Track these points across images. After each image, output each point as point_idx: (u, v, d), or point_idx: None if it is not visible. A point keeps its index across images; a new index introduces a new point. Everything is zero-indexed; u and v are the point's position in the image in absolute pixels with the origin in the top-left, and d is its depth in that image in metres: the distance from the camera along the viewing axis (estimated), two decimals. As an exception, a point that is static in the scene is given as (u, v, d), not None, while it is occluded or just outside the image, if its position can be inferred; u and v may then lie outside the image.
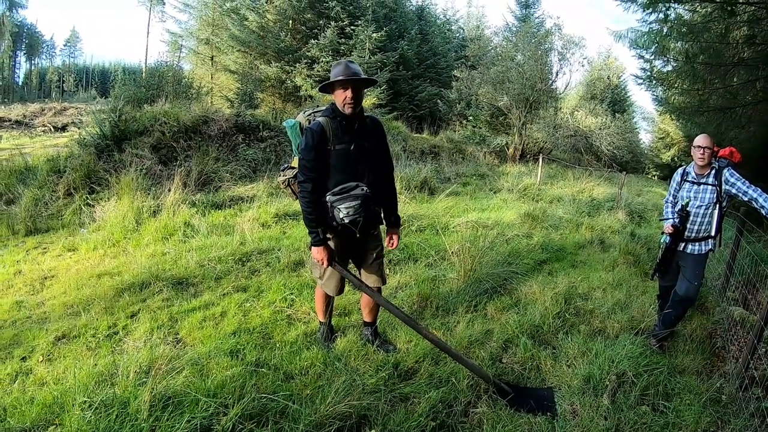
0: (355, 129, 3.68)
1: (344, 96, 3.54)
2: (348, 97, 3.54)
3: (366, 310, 4.25)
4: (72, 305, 5.16)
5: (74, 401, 2.99)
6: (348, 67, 3.55)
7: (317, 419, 3.02)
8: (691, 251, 4.63)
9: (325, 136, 3.57)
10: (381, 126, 3.97)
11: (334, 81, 3.51)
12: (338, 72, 3.52)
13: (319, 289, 4.15)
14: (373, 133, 3.83)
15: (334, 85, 3.54)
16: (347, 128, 3.64)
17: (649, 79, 13.17)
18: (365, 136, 3.74)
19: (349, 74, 3.51)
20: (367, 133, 3.77)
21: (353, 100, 3.57)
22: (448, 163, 17.08)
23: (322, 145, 3.56)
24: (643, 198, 17.39)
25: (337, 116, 3.62)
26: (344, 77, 3.49)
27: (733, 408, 3.72)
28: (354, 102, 3.57)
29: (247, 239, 7.03)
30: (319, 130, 3.56)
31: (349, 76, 3.50)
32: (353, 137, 3.65)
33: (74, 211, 8.69)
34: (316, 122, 3.61)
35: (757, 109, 9.43)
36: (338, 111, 3.62)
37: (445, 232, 8.17)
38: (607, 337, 4.73)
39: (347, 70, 3.53)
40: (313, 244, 3.65)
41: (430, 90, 26.13)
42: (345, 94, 3.54)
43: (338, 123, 3.61)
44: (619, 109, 38.38)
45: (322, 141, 3.56)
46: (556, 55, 24.30)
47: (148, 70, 17.97)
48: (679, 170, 4.85)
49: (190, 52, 26.49)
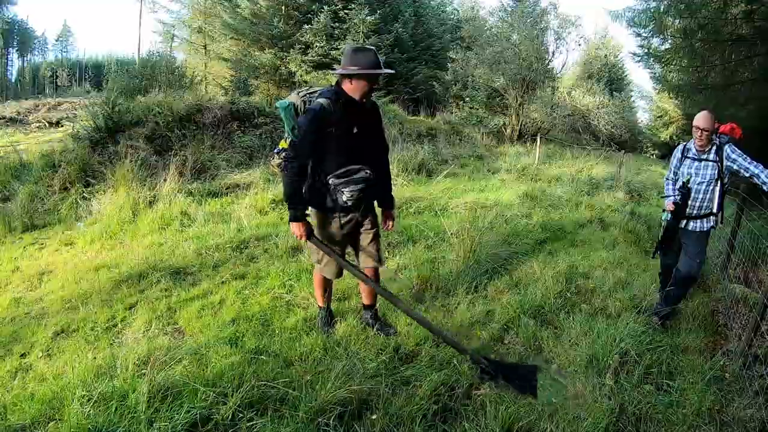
0: (357, 112, 3.60)
1: (367, 87, 3.51)
2: (369, 89, 3.52)
3: (365, 293, 4.20)
4: (70, 299, 5.12)
5: (74, 396, 2.95)
6: (377, 58, 3.48)
7: (317, 405, 2.98)
8: (692, 228, 4.58)
9: (328, 118, 3.48)
10: (378, 108, 3.94)
11: (367, 72, 3.45)
12: (367, 63, 3.43)
13: (318, 274, 4.10)
14: (371, 115, 3.80)
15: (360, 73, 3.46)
16: (350, 111, 3.55)
17: (646, 57, 13.05)
18: (365, 119, 3.69)
19: (380, 67, 3.48)
20: (367, 115, 3.72)
21: (372, 93, 3.58)
22: (445, 145, 16.99)
23: (323, 126, 3.48)
24: (642, 176, 17.37)
25: (340, 99, 3.53)
26: (375, 70, 3.46)
27: (737, 386, 3.70)
28: (371, 94, 3.59)
29: (244, 226, 7.00)
30: (322, 111, 3.47)
31: (380, 71, 3.48)
32: (354, 120, 3.58)
33: (70, 205, 8.65)
34: (318, 103, 3.52)
35: (756, 85, 9.34)
36: (344, 95, 3.54)
37: (444, 214, 8.14)
38: (608, 315, 4.69)
39: (378, 61, 3.47)
40: (292, 220, 3.60)
41: (426, 72, 25.92)
42: (369, 85, 3.51)
43: (341, 106, 3.52)
44: (616, 88, 38.34)
45: (324, 123, 3.48)
46: (552, 34, 24.30)
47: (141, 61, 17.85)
48: (680, 147, 4.79)
49: (182, 41, 26.29)
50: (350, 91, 3.50)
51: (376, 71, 3.46)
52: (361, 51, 3.47)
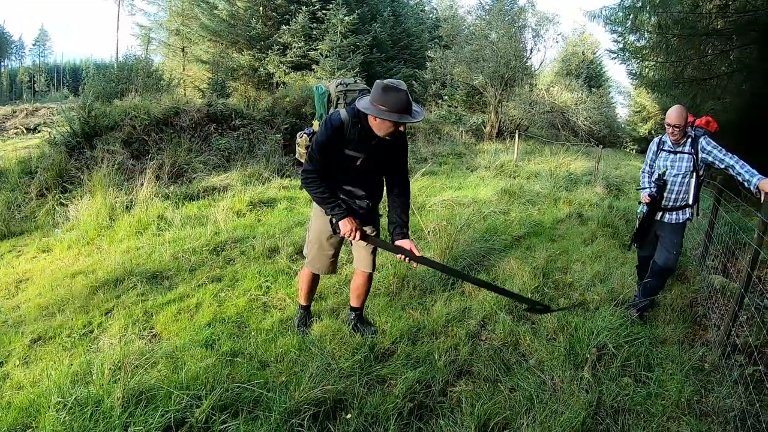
0: (376, 142, 3.34)
1: (390, 129, 3.19)
2: (393, 131, 3.21)
3: (354, 294, 4.13)
4: (47, 306, 5.07)
5: (49, 403, 2.94)
6: (408, 102, 3.09)
7: (292, 406, 2.98)
8: (668, 220, 4.66)
9: (342, 135, 3.29)
10: (405, 138, 3.59)
11: (386, 116, 3.08)
12: (396, 106, 3.06)
13: (306, 270, 4.00)
14: (392, 147, 3.47)
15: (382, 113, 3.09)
16: (366, 138, 3.32)
17: (623, 54, 13.21)
18: (383, 150, 3.42)
19: (408, 112, 3.10)
20: (386, 146, 3.40)
21: (396, 135, 3.27)
22: (424, 144, 17.05)
23: (336, 143, 3.30)
24: (620, 171, 17.53)
25: (359, 123, 3.28)
26: (399, 118, 3.08)
27: (717, 376, 3.75)
28: (396, 135, 3.28)
29: (221, 229, 6.98)
30: (339, 127, 3.26)
31: (407, 118, 3.11)
32: (369, 148, 3.37)
33: (47, 211, 8.58)
34: (337, 116, 3.28)
35: (732, 79, 9.49)
36: (364, 122, 3.27)
37: (422, 212, 8.17)
38: (586, 309, 4.77)
39: (407, 107, 3.09)
40: (338, 220, 3.41)
41: (405, 71, 26.02)
42: (395, 127, 3.17)
43: (359, 130, 3.29)
44: (594, 84, 38.56)
45: (337, 140, 3.29)
46: (530, 32, 24.55)
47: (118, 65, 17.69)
48: (656, 140, 4.85)
49: (160, 44, 26.08)
50: (373, 126, 3.24)
51: (402, 120, 3.10)
52: (392, 91, 3.06)
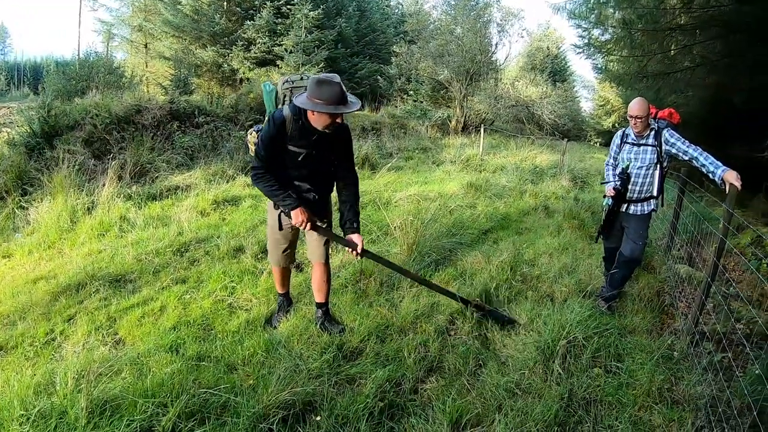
0: (317, 136, 3.47)
1: (329, 121, 3.31)
2: (330, 123, 3.33)
3: (315, 288, 4.18)
4: (8, 315, 4.88)
5: (12, 416, 2.87)
6: (342, 94, 3.22)
7: (260, 410, 2.96)
8: (633, 212, 4.75)
9: (285, 132, 3.42)
10: (347, 131, 3.71)
11: (321, 109, 3.21)
12: (331, 97, 3.18)
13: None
14: (335, 140, 3.59)
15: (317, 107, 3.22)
16: (307, 134, 3.45)
17: (588, 48, 13.34)
18: (325, 144, 3.54)
19: (343, 104, 3.23)
20: (329, 140, 3.53)
21: (334, 126, 3.38)
22: (390, 139, 17.03)
23: (279, 139, 3.43)
24: (585, 164, 17.87)
25: (300, 119, 3.40)
26: (335, 109, 3.21)
27: (686, 364, 3.83)
28: (333, 127, 3.39)
29: (185, 229, 6.86)
30: (282, 124, 3.40)
31: (342, 109, 3.24)
32: (311, 143, 3.48)
33: (7, 215, 8.29)
34: (280, 114, 3.42)
35: (695, 73, 9.64)
36: (304, 118, 3.40)
37: (387, 208, 8.18)
38: (555, 301, 4.83)
39: (341, 98, 3.22)
40: (290, 210, 3.52)
41: (370, 67, 25.89)
42: (331, 119, 3.30)
43: (299, 126, 3.41)
44: (559, 79, 39.13)
45: (280, 136, 3.42)
46: (495, 27, 24.70)
47: (79, 62, 17.21)
48: (619, 132, 4.92)
49: (123, 40, 25.46)
50: (312, 120, 3.36)
51: (338, 111, 3.22)
52: (326, 84, 3.17)
